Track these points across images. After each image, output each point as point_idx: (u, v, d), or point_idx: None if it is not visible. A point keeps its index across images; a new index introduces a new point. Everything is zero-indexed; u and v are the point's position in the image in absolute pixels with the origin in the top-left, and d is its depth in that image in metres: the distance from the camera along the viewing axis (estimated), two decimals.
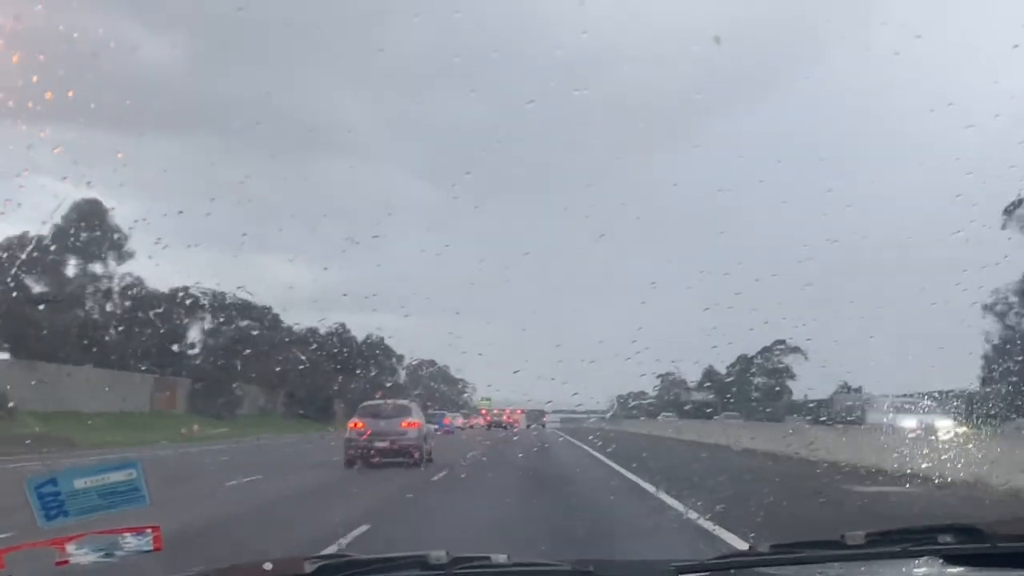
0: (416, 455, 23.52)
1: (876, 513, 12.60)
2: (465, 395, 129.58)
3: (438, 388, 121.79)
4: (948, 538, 2.15)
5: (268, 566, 2.25)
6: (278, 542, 9.57)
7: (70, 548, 2.34)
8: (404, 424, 23.93)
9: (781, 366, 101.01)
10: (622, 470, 21.07)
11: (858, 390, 69.74)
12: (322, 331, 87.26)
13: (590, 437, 42.01)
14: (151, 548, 2.42)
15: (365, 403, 26.56)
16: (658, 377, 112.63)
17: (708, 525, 10.46)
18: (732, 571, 2.22)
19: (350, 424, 24.29)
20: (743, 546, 7.23)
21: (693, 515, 11.43)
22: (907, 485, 15.93)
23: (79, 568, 2.35)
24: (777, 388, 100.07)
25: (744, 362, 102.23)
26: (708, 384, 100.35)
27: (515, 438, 60.13)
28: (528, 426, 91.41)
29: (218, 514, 12.87)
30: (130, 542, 2.42)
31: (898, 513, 12.50)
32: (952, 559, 2.16)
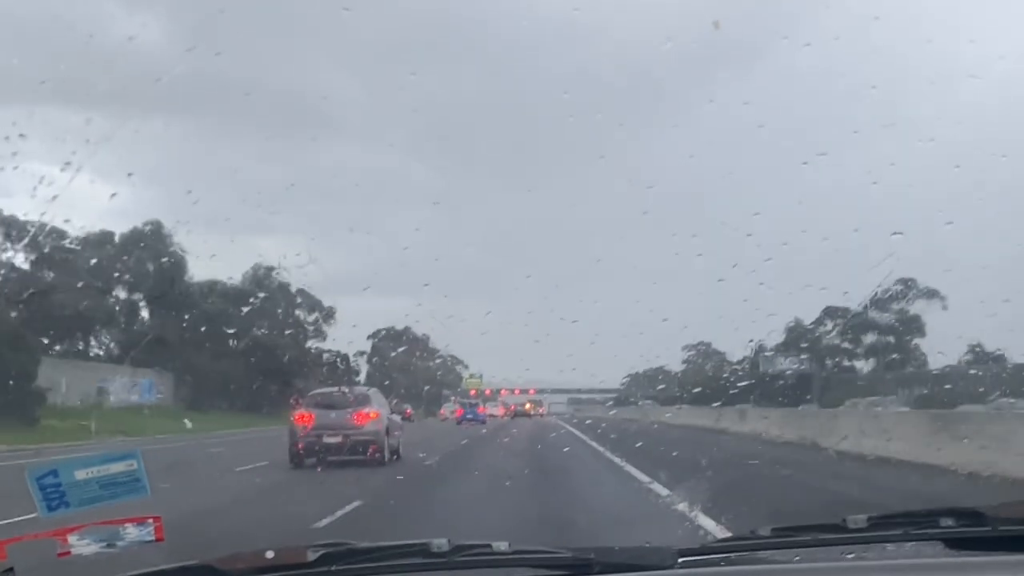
0: (376, 451, 20.60)
1: None
2: (457, 369, 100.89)
3: (414, 364, 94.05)
4: (950, 521, 2.11)
5: (270, 555, 2.26)
6: None
7: (72, 539, 2.38)
8: (360, 416, 20.85)
9: (908, 317, 69.55)
10: None
11: (997, 356, 52.32)
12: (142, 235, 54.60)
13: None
14: (153, 538, 2.46)
15: (315, 391, 23.45)
16: (685, 349, 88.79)
17: None
18: (734, 555, 2.15)
19: (296, 416, 21.06)
20: None
21: None
22: None
23: (81, 559, 2.38)
24: (896, 350, 69.66)
25: (835, 315, 70.96)
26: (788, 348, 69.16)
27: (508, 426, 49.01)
28: (513, 416, 74.88)
29: None
30: (132, 532, 2.45)
31: None
32: (954, 542, 2.08)
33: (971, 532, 2.12)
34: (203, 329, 53.06)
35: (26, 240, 45.76)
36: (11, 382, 34.62)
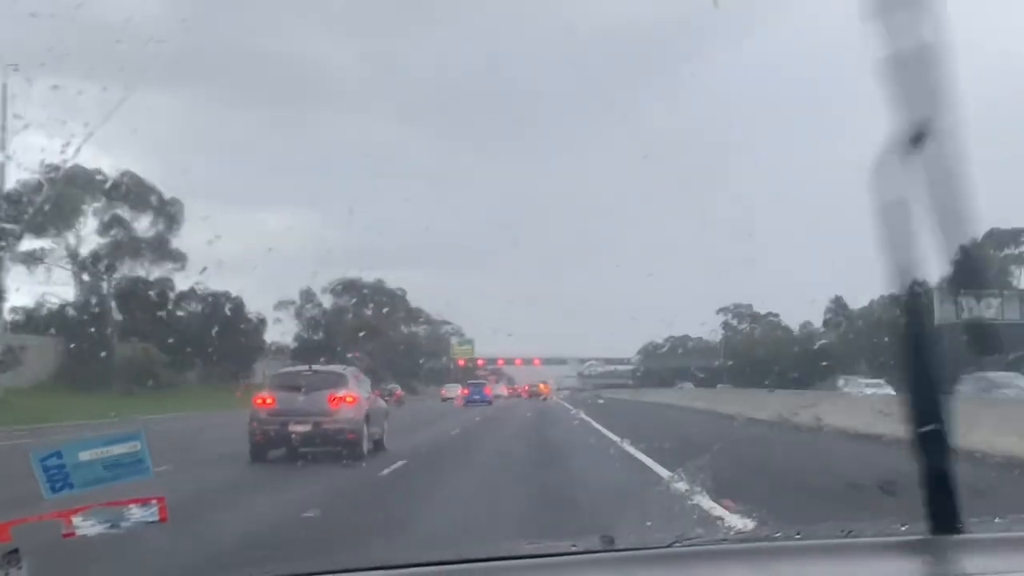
0: (353, 441, 17.91)
1: None
2: (446, 334, 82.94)
3: (397, 328, 71.41)
4: None
5: None
6: None
7: (76, 520, 2.41)
8: (334, 399, 17.98)
9: None
10: None
11: None
12: None
13: None
14: (157, 519, 2.48)
15: (280, 370, 20.64)
16: (720, 311, 72.13)
17: None
18: (732, 534, 2.17)
19: (256, 400, 18.41)
20: None
21: None
22: None
23: (86, 539, 2.41)
24: None
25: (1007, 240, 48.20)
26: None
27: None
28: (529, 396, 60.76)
29: None
30: (136, 513, 2.48)
31: None
32: None
33: None
34: None
35: None
36: None
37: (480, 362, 70.83)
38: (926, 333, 1.90)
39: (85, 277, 42.70)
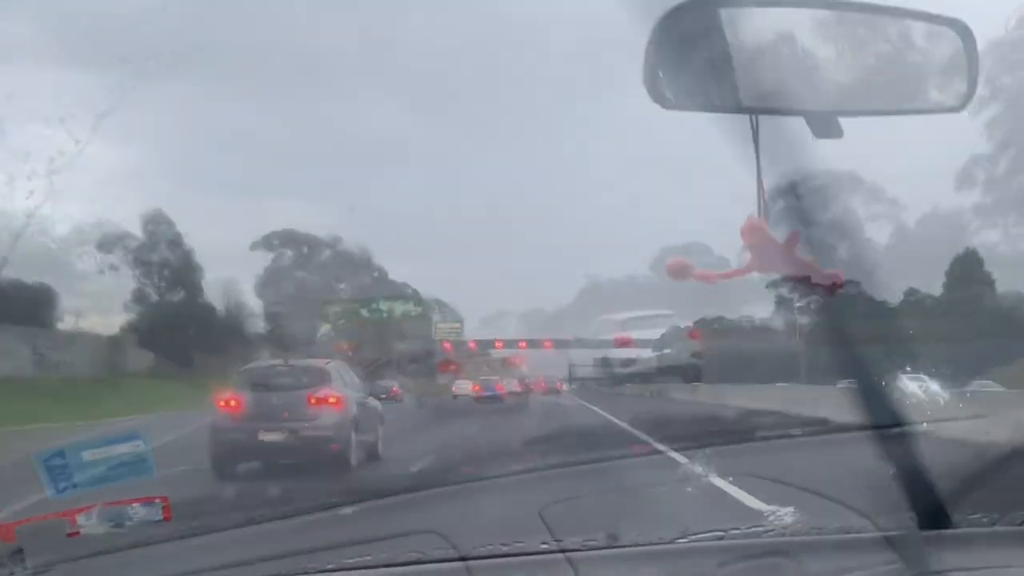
0: (337, 452, 14.46)
1: None
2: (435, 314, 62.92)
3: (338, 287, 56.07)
4: None
5: None
6: None
7: (80, 519, 2.43)
8: (314, 400, 14.91)
9: None
10: None
11: None
12: None
13: None
14: (160, 518, 2.49)
15: (249, 366, 17.65)
16: (769, 286, 53.68)
17: None
18: (729, 531, 2.21)
19: (219, 402, 15.16)
20: None
21: None
22: None
23: (90, 539, 2.42)
24: None
25: None
26: None
27: None
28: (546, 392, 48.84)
29: None
30: (139, 512, 2.50)
31: None
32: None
33: None
34: None
35: None
36: None
37: (471, 345, 58.48)
38: None
39: None
